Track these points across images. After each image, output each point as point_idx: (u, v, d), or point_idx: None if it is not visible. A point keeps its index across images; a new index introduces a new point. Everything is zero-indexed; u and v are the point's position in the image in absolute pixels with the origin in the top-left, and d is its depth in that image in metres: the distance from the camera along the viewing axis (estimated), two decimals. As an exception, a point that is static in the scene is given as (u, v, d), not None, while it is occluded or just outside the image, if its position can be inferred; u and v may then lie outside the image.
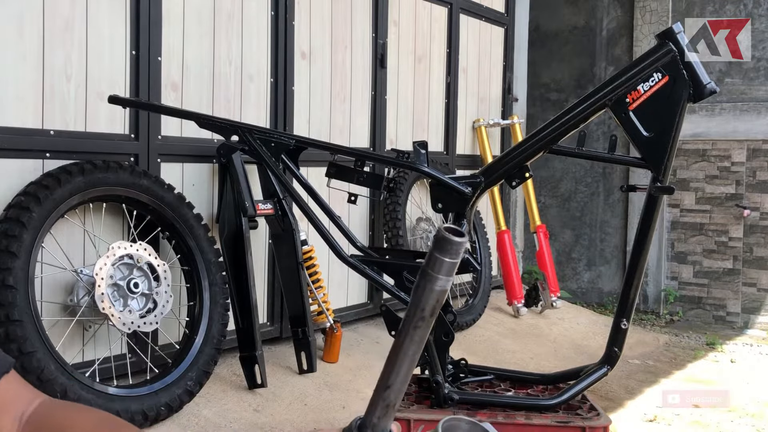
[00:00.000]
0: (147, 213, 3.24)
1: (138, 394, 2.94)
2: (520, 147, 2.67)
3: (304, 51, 4.27)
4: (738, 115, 6.58)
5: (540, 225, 5.97)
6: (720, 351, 5.65)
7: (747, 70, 6.59)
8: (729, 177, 6.65)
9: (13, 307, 2.64)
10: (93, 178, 2.99)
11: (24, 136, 3.01)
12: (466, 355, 2.81)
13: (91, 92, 3.22)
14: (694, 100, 2.50)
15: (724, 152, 6.65)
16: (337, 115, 4.53)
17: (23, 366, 2.64)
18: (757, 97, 6.57)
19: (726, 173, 6.66)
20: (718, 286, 6.72)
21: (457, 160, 5.60)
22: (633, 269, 2.59)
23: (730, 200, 6.65)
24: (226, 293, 3.36)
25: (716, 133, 6.63)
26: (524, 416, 2.45)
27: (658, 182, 2.49)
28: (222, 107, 3.78)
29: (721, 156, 6.66)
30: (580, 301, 6.84)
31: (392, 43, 4.91)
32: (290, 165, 3.23)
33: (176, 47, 3.56)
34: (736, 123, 6.57)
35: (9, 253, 2.68)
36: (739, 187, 6.61)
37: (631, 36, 6.99)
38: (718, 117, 6.62)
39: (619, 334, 2.58)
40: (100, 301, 2.92)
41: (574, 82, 7.24)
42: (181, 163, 3.59)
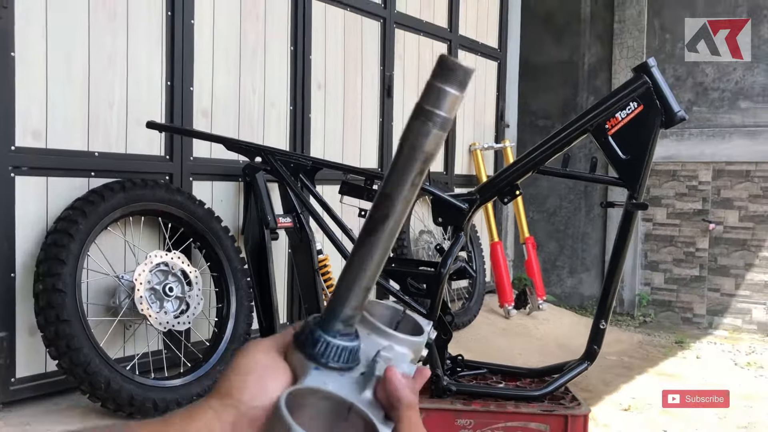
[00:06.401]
0: (180, 225, 3.24)
1: (172, 386, 2.93)
2: (511, 168, 2.66)
3: (320, 82, 4.28)
4: (705, 140, 6.57)
5: (528, 237, 5.96)
6: (688, 349, 5.62)
7: (713, 100, 6.58)
8: (696, 195, 6.63)
9: (63, 309, 2.64)
10: (133, 194, 3.00)
11: (72, 158, 3.02)
12: (462, 351, 2.80)
13: (131, 118, 3.24)
14: (665, 126, 2.49)
15: (692, 173, 6.63)
16: (348, 139, 4.53)
17: (71, 360, 2.63)
18: (722, 123, 6.56)
19: (694, 191, 6.64)
20: (686, 292, 6.69)
21: (455, 179, 5.59)
22: (611, 276, 2.58)
23: (697, 215, 6.63)
24: (250, 297, 3.36)
25: (685, 155, 6.62)
26: (513, 405, 2.43)
27: (634, 199, 2.48)
28: (247, 131, 3.79)
29: (689, 176, 6.64)
30: (564, 304, 6.81)
31: (398, 75, 4.92)
32: (307, 183, 3.23)
33: (206, 78, 3.57)
34: (703, 147, 6.56)
35: (58, 261, 2.68)
36: (705, 204, 6.59)
37: (610, 69, 6.99)
38: (687, 141, 6.61)
39: (598, 334, 2.57)
40: (139, 303, 2.92)
41: (560, 110, 7.24)
42: (211, 181, 3.60)
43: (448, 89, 0.52)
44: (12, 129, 2.82)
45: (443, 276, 2.54)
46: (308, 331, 0.56)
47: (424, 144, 0.52)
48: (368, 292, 0.56)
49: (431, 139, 0.52)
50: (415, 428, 0.54)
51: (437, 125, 0.52)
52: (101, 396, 2.70)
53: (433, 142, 0.52)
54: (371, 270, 0.55)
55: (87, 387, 2.68)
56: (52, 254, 2.69)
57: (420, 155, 0.52)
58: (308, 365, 0.54)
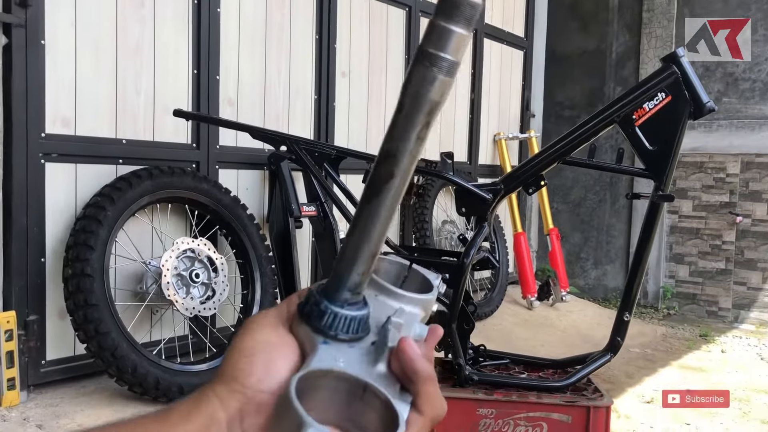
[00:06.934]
0: (207, 213, 3.27)
1: (198, 370, 2.98)
2: (536, 158, 2.64)
3: (345, 71, 4.28)
4: (733, 131, 6.47)
5: (552, 228, 5.93)
6: (712, 342, 5.55)
7: (743, 90, 6.47)
8: (724, 187, 6.53)
9: (91, 293, 2.68)
10: (160, 181, 3.03)
11: (100, 145, 3.06)
12: (484, 341, 2.79)
13: (159, 106, 3.27)
14: (694, 117, 2.46)
15: (720, 165, 6.53)
16: (372, 127, 4.53)
17: (100, 344, 2.68)
18: (752, 114, 6.45)
19: (721, 183, 6.54)
20: (712, 285, 6.61)
21: (479, 169, 5.58)
22: (635, 268, 2.56)
23: (724, 208, 6.53)
24: (275, 283, 3.39)
25: (713, 147, 6.52)
26: (536, 396, 2.43)
27: (660, 191, 2.45)
28: (272, 120, 3.80)
29: (717, 168, 6.55)
30: (587, 296, 6.77)
31: (422, 64, 4.90)
32: (331, 172, 3.24)
33: (232, 67, 3.59)
34: (732, 138, 6.46)
35: (87, 247, 2.73)
36: (732, 196, 6.50)
37: (638, 59, 6.90)
38: (716, 133, 6.51)
39: (621, 326, 2.55)
40: (165, 289, 2.96)
41: (586, 100, 7.17)
42: (237, 169, 3.62)
43: (454, 28, 0.45)
44: (42, 116, 2.86)
45: (466, 266, 2.53)
46: (313, 301, 0.52)
47: (429, 92, 0.46)
48: (375, 258, 0.52)
49: (437, 86, 0.46)
50: (433, 400, 0.50)
51: (443, 70, 0.46)
52: (128, 380, 2.75)
53: (440, 90, 0.46)
54: (377, 233, 0.51)
55: (114, 371, 2.73)
56: (81, 240, 2.73)
57: (425, 105, 0.46)
58: (316, 339, 0.50)
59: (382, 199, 0.49)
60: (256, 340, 0.51)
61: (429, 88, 0.46)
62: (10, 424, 2.56)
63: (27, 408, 2.71)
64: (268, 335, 0.51)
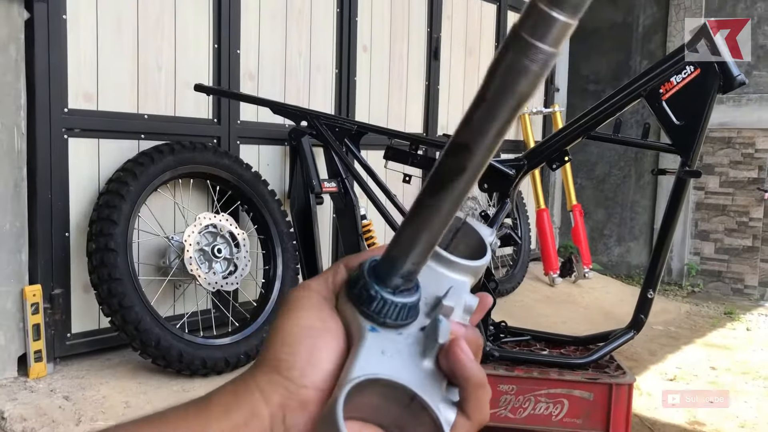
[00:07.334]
0: (228, 188, 3.28)
1: (221, 344, 3.00)
2: (560, 133, 2.60)
3: (366, 44, 4.25)
4: (764, 106, 6.32)
5: (576, 204, 5.87)
6: (737, 320, 5.49)
7: (773, 63, 6.32)
8: (752, 163, 6.41)
9: (115, 268, 2.71)
10: (182, 157, 3.04)
11: (122, 120, 3.07)
12: (505, 318, 2.78)
13: (180, 81, 3.27)
14: (723, 91, 2.41)
15: (749, 140, 6.41)
16: (394, 103, 4.50)
17: (123, 318, 2.72)
18: (782, 88, 6.30)
19: (749, 159, 6.42)
20: (738, 262, 6.53)
21: (501, 145, 5.50)
22: (660, 245, 2.53)
23: (752, 184, 6.42)
24: (296, 259, 3.40)
25: (742, 122, 6.39)
26: (557, 372, 2.42)
27: (687, 167, 2.41)
28: (292, 95, 3.79)
29: (745, 143, 6.42)
30: (610, 273, 6.72)
31: (445, 37, 4.85)
32: (352, 148, 3.23)
33: (253, 41, 3.58)
34: (762, 113, 6.32)
35: (110, 221, 2.75)
36: (761, 172, 6.38)
37: (665, 32, 6.76)
38: (745, 107, 6.37)
39: (645, 303, 2.52)
40: (188, 264, 2.98)
41: (611, 74, 7.05)
42: (257, 145, 3.62)
43: (558, 15, 0.39)
44: (65, 91, 2.87)
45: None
46: (363, 284, 0.48)
47: (519, 84, 0.40)
48: (432, 249, 0.48)
49: (530, 78, 0.40)
50: (482, 406, 0.47)
51: (538, 62, 0.40)
52: (152, 353, 2.79)
53: (532, 83, 0.40)
54: (438, 226, 0.47)
55: (138, 344, 2.77)
56: (105, 215, 2.76)
57: (512, 99, 0.41)
58: (364, 324, 0.48)
59: (449, 193, 0.46)
60: (299, 326, 0.48)
61: (520, 80, 0.40)
62: (38, 395, 2.62)
63: (54, 380, 2.77)
64: (311, 320, 0.48)
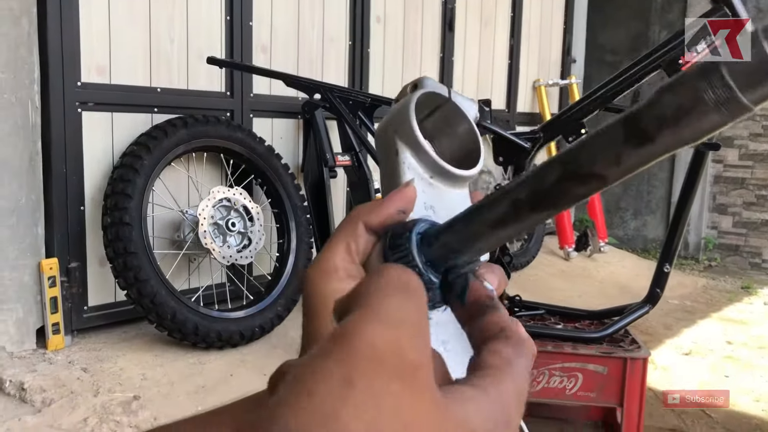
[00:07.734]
0: (242, 162, 3.28)
1: (236, 317, 3.02)
2: (577, 105, 2.56)
3: (379, 15, 4.20)
4: (785, 76, 6.21)
5: (591, 177, 5.82)
6: (755, 295, 5.46)
7: (796, 33, 6.19)
8: (773, 135, 6.33)
9: (130, 241, 2.73)
10: (195, 130, 3.04)
11: (135, 93, 3.07)
12: (520, 292, 2.78)
13: (192, 54, 3.25)
14: (744, 62, 2.36)
15: (770, 111, 6.31)
16: (408, 75, 4.46)
17: (139, 291, 2.74)
18: (805, 59, 6.17)
19: (770, 131, 6.33)
20: (756, 236, 6.47)
21: (517, 117, 5.47)
22: (677, 218, 2.50)
23: (772, 157, 6.34)
24: (310, 233, 3.40)
25: (763, 93, 6.29)
26: (571, 347, 2.42)
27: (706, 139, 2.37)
28: (306, 68, 3.76)
29: (766, 115, 6.32)
30: (626, 246, 6.68)
31: (460, 7, 4.78)
32: (366, 121, 3.21)
33: (265, 13, 3.54)
34: (783, 84, 6.21)
35: (125, 195, 2.76)
36: (782, 145, 6.29)
37: (685, 1, 6.63)
38: (766, 78, 6.26)
39: (661, 277, 2.50)
40: (202, 238, 3.00)
41: (630, 45, 6.94)
42: (271, 118, 3.61)
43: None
44: (78, 65, 2.87)
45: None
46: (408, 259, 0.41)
47: (692, 128, 0.32)
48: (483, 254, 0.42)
49: (707, 125, 0.31)
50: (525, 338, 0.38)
51: (729, 113, 0.31)
52: (167, 326, 2.81)
53: (708, 131, 0.32)
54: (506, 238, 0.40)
55: (154, 317, 2.79)
56: (119, 189, 2.77)
57: (676, 142, 0.33)
58: None
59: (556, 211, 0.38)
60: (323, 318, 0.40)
61: (699, 123, 0.31)
62: (57, 367, 2.65)
63: (71, 352, 2.80)
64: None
